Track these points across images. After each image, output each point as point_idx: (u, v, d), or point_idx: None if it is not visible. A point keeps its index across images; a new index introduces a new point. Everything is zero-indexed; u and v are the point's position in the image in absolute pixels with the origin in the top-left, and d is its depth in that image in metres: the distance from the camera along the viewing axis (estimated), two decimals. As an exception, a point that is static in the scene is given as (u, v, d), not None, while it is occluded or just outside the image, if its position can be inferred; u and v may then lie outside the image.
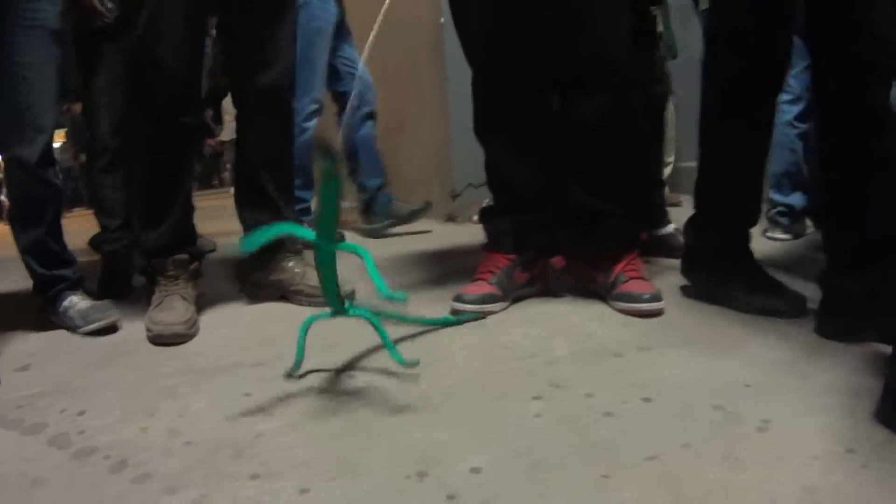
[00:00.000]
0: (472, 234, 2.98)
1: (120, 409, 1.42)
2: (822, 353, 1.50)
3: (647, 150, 2.37)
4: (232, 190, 2.36)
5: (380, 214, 3.52)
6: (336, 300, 1.43)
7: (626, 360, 1.53)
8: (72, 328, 1.98)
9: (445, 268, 2.59)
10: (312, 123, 3.15)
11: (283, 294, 2.13)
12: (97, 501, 1.09)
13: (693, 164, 1.99)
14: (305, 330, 1.51)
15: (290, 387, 1.48)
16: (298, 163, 2.58)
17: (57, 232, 2.03)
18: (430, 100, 3.76)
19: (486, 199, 3.25)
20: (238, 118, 2.22)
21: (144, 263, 2.05)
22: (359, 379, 1.51)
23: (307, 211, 3.13)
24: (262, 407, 1.39)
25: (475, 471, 1.10)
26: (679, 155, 3.86)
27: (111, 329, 1.96)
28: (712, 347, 1.57)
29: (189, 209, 2.09)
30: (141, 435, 1.31)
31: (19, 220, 1.98)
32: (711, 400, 1.30)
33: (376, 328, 1.50)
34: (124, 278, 2.48)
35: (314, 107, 3.17)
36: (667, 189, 3.56)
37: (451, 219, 3.64)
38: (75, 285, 2.06)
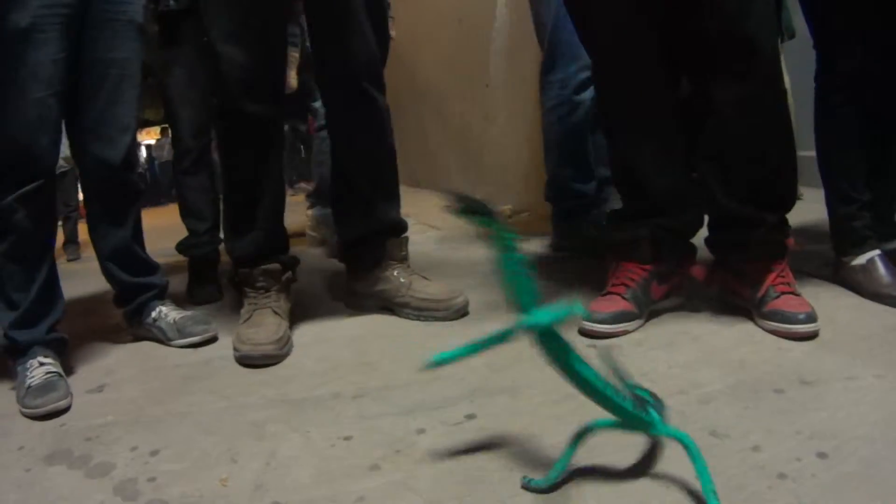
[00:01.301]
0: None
1: (198, 451, 1.23)
2: None
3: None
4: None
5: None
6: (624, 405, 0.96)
7: (789, 399, 1.25)
8: (162, 341, 1.86)
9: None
10: (587, 95, 2.42)
11: (388, 306, 1.91)
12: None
13: (810, 153, 1.83)
14: (575, 444, 1.05)
15: (399, 430, 1.23)
16: (571, 147, 2.37)
17: (140, 236, 1.91)
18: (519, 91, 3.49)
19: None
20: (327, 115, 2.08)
21: (232, 273, 1.89)
22: (480, 420, 1.25)
23: (586, 207, 2.52)
24: (365, 457, 1.15)
25: None
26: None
27: (209, 342, 1.83)
28: (887, 377, 1.30)
29: (278, 212, 1.91)
30: (220, 488, 1.10)
31: (100, 226, 1.85)
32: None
33: (693, 457, 0.98)
34: (213, 285, 2.38)
35: (584, 75, 2.38)
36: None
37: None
38: (162, 294, 1.93)
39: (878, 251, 1.81)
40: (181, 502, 1.07)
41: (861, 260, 1.81)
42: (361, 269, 1.95)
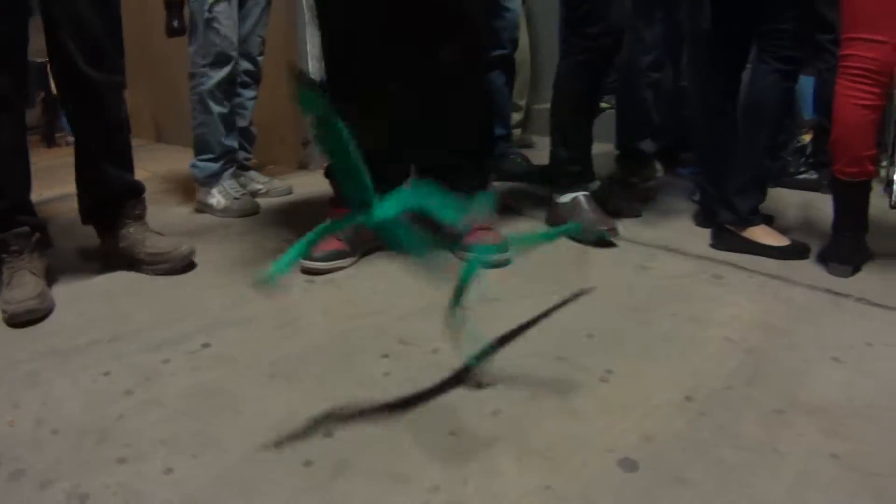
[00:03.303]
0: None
1: None
2: (663, 300, 1.66)
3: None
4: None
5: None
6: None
7: (473, 313, 1.62)
8: None
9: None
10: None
11: (130, 262, 2.12)
12: (-28, 505, 1.11)
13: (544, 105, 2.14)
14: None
15: (148, 362, 1.52)
16: None
17: None
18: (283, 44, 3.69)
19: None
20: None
21: None
22: (214, 348, 1.57)
23: None
24: (122, 386, 1.43)
25: (328, 435, 1.20)
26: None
27: None
28: (558, 299, 1.70)
29: (21, 178, 2.01)
30: (8, 428, 1.32)
31: None
32: (556, 352, 1.43)
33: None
34: None
35: None
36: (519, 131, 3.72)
37: (302, 166, 3.63)
38: None
39: (583, 192, 2.21)
40: None
41: (567, 198, 2.22)
42: (105, 230, 2.14)
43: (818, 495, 1.02)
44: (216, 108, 2.73)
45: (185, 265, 2.09)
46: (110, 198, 2.12)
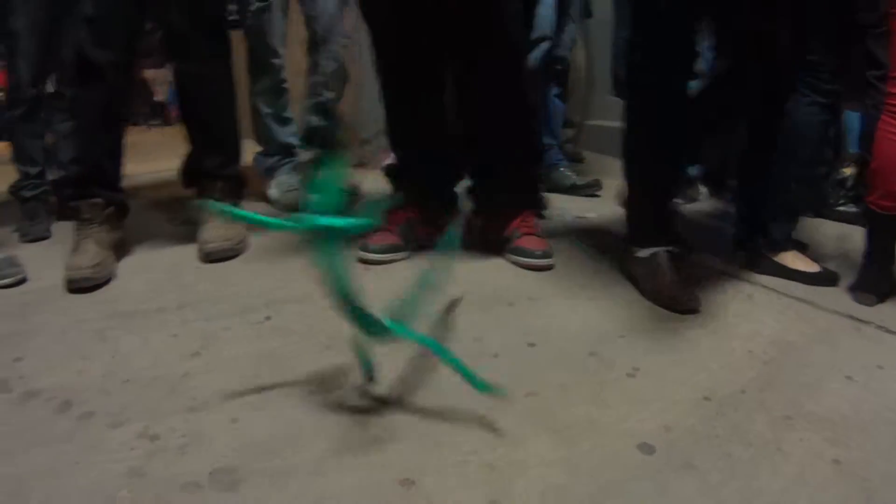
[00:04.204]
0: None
1: (53, 355, 1.55)
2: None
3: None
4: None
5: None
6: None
7: (515, 310, 1.77)
8: None
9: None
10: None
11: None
12: (47, 439, 1.24)
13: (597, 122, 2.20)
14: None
15: (212, 329, 1.66)
16: None
17: None
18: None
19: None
20: None
21: (62, 206, 2.13)
22: (275, 321, 1.70)
23: None
24: (188, 347, 1.56)
25: (381, 402, 1.33)
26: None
27: (19, 283, 2.00)
28: (595, 302, 1.82)
29: (109, 152, 2.16)
30: (78, 377, 1.45)
31: None
32: (590, 348, 1.55)
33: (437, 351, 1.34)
34: (43, 224, 2.55)
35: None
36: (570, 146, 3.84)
37: (360, 164, 3.77)
38: None
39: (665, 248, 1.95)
40: (50, 390, 1.38)
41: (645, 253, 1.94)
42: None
43: (812, 493, 1.11)
44: (264, 109, 2.90)
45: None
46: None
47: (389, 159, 3.59)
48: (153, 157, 3.50)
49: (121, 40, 2.07)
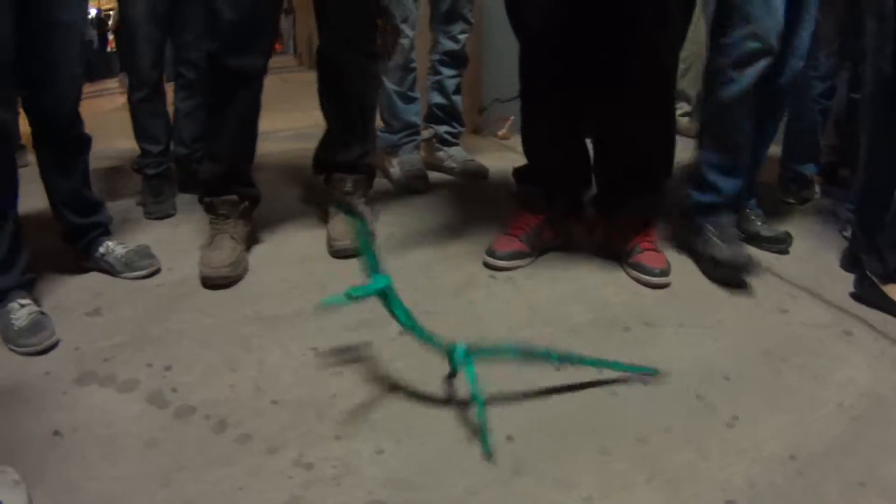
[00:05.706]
0: (497, 147, 3.23)
1: (203, 363, 1.60)
2: (795, 349, 1.71)
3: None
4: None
5: None
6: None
7: (632, 336, 1.76)
8: (110, 273, 2.04)
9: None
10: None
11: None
12: (210, 460, 1.30)
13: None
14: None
15: (352, 341, 1.68)
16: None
17: (87, 179, 2.05)
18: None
19: (513, 116, 3.38)
20: None
21: (201, 198, 2.18)
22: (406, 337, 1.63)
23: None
24: (331, 364, 1.60)
25: (510, 439, 1.36)
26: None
27: (153, 275, 2.05)
28: (705, 332, 1.79)
29: (241, 151, 2.18)
30: (230, 392, 1.50)
31: (51, 174, 1.96)
32: (696, 389, 1.54)
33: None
34: (168, 202, 2.65)
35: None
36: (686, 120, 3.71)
37: (476, 131, 3.74)
38: (108, 229, 2.12)
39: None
40: (205, 406, 1.42)
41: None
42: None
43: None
44: (390, 86, 2.87)
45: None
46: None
47: (504, 128, 3.59)
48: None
49: (263, 45, 2.08)
